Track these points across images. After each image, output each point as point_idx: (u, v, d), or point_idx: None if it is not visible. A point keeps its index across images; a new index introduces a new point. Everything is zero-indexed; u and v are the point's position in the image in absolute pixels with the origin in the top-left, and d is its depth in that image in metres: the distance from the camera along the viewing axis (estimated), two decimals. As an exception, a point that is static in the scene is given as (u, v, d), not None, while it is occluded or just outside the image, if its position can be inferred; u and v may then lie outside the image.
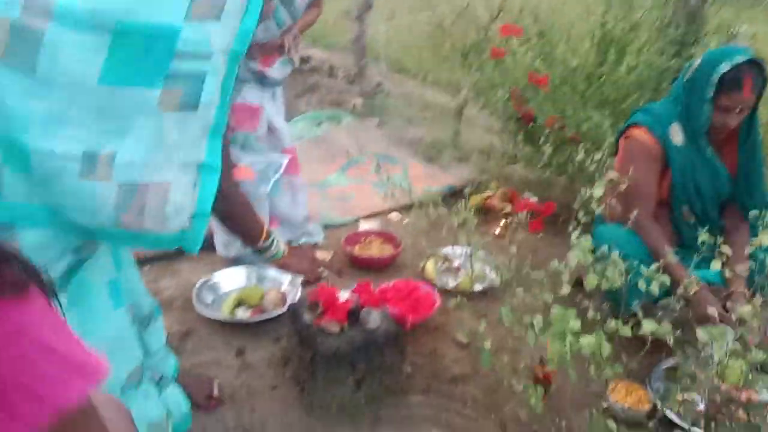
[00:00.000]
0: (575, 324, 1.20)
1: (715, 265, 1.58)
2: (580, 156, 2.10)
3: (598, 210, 1.58)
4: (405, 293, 2.20)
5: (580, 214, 1.56)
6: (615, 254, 1.51)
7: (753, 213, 1.76)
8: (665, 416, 1.70)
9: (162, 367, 1.70)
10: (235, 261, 2.48)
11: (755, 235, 1.67)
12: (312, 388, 1.79)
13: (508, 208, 3.11)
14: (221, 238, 2.51)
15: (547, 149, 2.30)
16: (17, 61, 1.11)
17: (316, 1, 2.45)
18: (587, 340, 1.18)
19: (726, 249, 1.56)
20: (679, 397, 1.20)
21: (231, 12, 1.18)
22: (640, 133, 2.06)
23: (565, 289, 1.30)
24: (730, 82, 1.89)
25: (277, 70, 2.38)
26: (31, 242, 1.19)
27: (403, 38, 4.95)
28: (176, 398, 1.69)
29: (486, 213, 3.11)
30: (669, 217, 2.07)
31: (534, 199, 3.11)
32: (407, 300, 2.16)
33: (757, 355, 1.12)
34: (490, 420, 1.82)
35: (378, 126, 4.26)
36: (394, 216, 3.10)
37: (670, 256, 1.76)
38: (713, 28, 2.65)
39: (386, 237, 2.72)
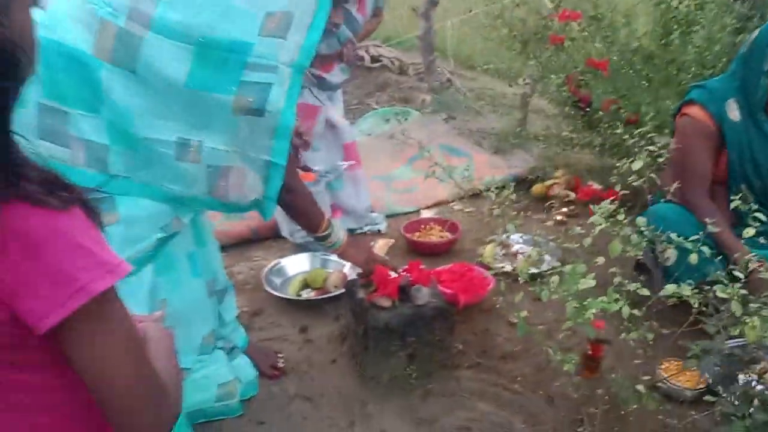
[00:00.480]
0: (588, 282, 1.24)
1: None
2: (632, 137, 2.08)
3: (637, 183, 1.58)
4: (459, 275, 2.27)
5: (617, 188, 1.57)
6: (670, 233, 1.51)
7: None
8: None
9: (234, 337, 1.89)
10: (301, 247, 2.64)
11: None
12: (366, 361, 1.91)
13: (572, 195, 3.10)
14: (287, 226, 2.69)
15: (603, 133, 2.29)
16: (121, 62, 1.35)
17: (377, 11, 2.58)
18: (599, 301, 1.22)
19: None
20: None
21: (296, 30, 1.36)
22: (695, 111, 2.03)
23: (587, 242, 1.32)
24: None
25: (335, 75, 2.51)
26: (127, 215, 1.41)
27: (467, 32, 4.99)
28: (245, 367, 1.86)
29: (549, 200, 3.12)
30: (727, 196, 2.02)
31: (597, 186, 3.09)
32: (461, 281, 2.23)
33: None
34: (538, 395, 1.86)
35: (445, 120, 4.34)
36: (456, 205, 3.17)
37: (726, 233, 1.74)
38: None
39: (446, 224, 2.81)
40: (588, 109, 2.67)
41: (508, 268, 2.50)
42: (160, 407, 0.70)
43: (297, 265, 2.51)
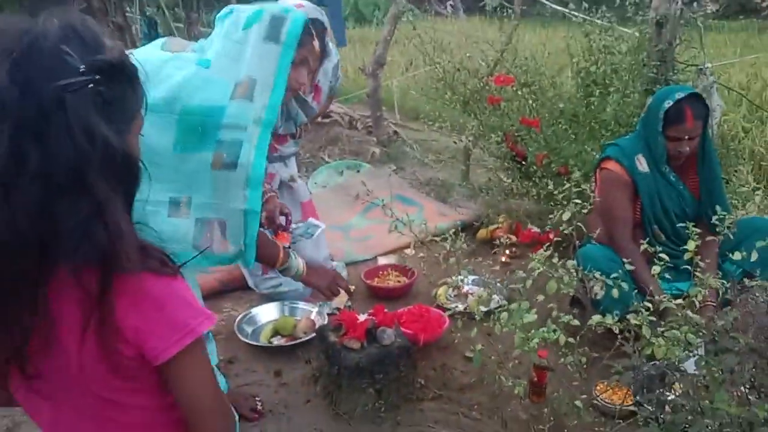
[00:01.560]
0: (530, 317, 1.50)
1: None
2: (561, 191, 2.41)
3: (567, 230, 1.88)
4: (417, 316, 2.50)
5: (551, 235, 1.86)
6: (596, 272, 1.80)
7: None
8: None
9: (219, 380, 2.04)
10: (268, 297, 2.82)
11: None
12: (339, 399, 2.11)
13: (513, 239, 3.41)
14: (252, 279, 2.86)
15: (538, 183, 2.61)
16: None
17: (331, 96, 2.86)
18: (540, 331, 1.48)
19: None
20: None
21: (261, 92, 1.62)
22: (611, 165, 2.38)
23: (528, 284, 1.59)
24: (673, 116, 2.20)
25: (289, 147, 2.74)
26: None
27: (413, 90, 5.37)
28: None
29: (493, 244, 3.41)
30: (642, 236, 2.36)
31: (536, 230, 3.42)
32: (419, 322, 2.46)
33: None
34: (493, 420, 2.10)
35: (395, 171, 4.64)
36: (409, 251, 3.43)
37: (642, 270, 2.05)
38: (681, 67, 2.97)
39: (401, 270, 3.05)
40: (524, 163, 3.01)
41: (460, 307, 2.76)
42: (227, 422, 0.91)
43: (267, 313, 2.68)
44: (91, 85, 0.75)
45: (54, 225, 0.74)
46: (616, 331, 1.48)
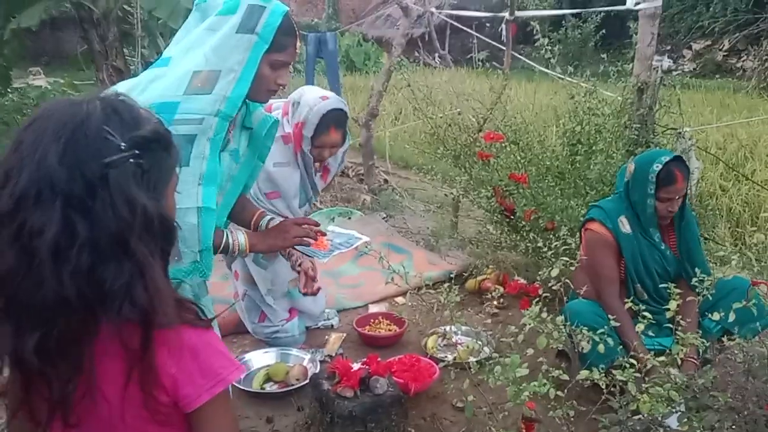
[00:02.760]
0: (522, 371, 1.57)
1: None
2: (549, 247, 2.52)
3: (555, 286, 1.97)
4: (408, 365, 2.56)
5: (541, 291, 1.95)
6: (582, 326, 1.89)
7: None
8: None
9: None
10: (263, 342, 2.86)
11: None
12: (331, 447, 2.14)
13: (501, 290, 3.50)
14: (249, 324, 2.91)
15: (525, 237, 2.72)
16: None
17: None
18: (532, 385, 1.56)
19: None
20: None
21: (222, 84, 1.55)
22: (596, 226, 2.49)
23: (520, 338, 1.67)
24: (666, 178, 2.34)
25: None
26: None
27: (404, 142, 5.53)
28: None
29: (482, 294, 3.50)
30: (626, 294, 2.46)
31: (523, 281, 3.51)
32: (410, 371, 2.51)
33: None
34: (482, 471, 2.14)
35: (384, 219, 4.74)
36: (400, 299, 3.49)
37: (626, 326, 2.15)
38: (661, 131, 3.15)
39: (392, 318, 3.11)
40: (512, 217, 3.12)
41: (449, 358, 2.82)
42: None
43: (260, 359, 2.72)
44: (132, 159, 0.85)
45: (99, 288, 0.82)
46: (603, 386, 1.55)
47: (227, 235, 1.80)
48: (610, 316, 2.02)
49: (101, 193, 0.82)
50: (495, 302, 3.41)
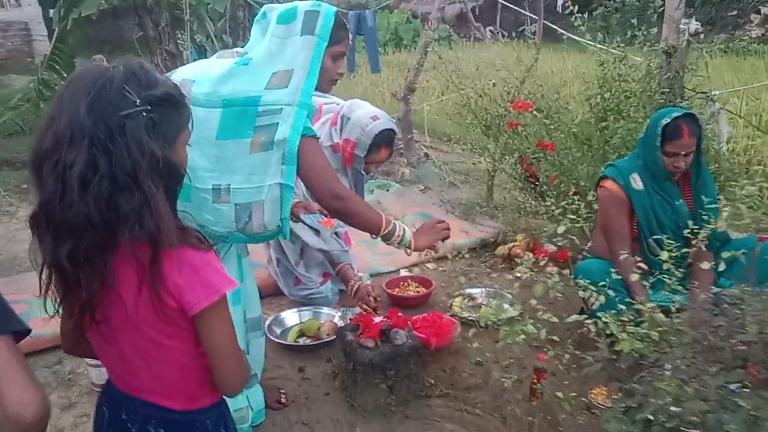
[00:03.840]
0: (512, 312, 1.70)
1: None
2: (574, 206, 2.60)
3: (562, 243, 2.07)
4: (431, 322, 2.71)
5: (548, 246, 2.06)
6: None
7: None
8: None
9: (257, 366, 2.26)
10: (298, 303, 3.08)
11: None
12: (354, 393, 2.33)
13: (531, 256, 3.58)
14: (285, 286, 3.13)
15: (550, 202, 2.80)
16: None
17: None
18: (521, 325, 1.68)
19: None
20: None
21: (296, 79, 1.82)
22: (609, 184, 2.55)
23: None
24: (671, 132, 2.37)
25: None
26: None
27: (441, 113, 5.61)
28: (258, 396, 2.24)
29: (512, 260, 3.60)
30: (640, 250, 2.52)
31: (553, 248, 3.58)
32: (432, 327, 2.66)
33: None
34: (495, 417, 2.28)
35: (422, 191, 4.87)
36: (431, 265, 3.64)
37: (636, 286, 2.22)
38: (690, 95, 3.13)
39: (421, 281, 3.26)
40: (537, 183, 3.20)
41: (473, 316, 2.95)
42: (242, 370, 1.19)
43: (294, 317, 2.93)
44: (144, 113, 1.05)
45: (116, 211, 1.03)
46: (593, 330, 1.66)
47: (394, 224, 2.00)
48: (618, 270, 2.09)
49: (119, 138, 1.02)
50: (524, 267, 3.51)
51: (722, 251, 2.08)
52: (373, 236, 2.00)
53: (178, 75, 1.90)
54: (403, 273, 3.50)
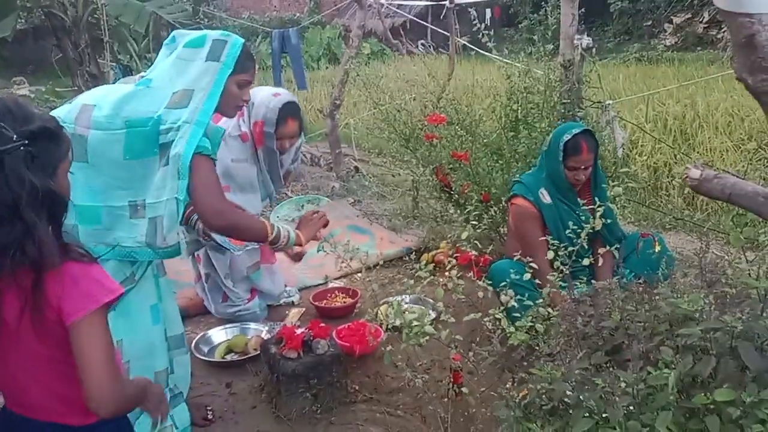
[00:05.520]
0: (411, 316, 1.83)
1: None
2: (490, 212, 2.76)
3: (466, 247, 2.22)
4: (355, 331, 2.81)
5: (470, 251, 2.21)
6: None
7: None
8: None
9: (182, 385, 2.29)
10: (227, 320, 3.12)
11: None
12: (280, 403, 2.40)
13: (453, 262, 3.75)
14: (213, 305, 3.16)
15: (460, 210, 2.96)
16: (79, 158, 1.81)
17: (288, 174, 3.27)
18: (418, 325, 1.81)
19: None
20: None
21: (195, 99, 1.91)
22: (519, 201, 2.74)
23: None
24: (572, 148, 2.58)
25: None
26: None
27: (366, 128, 5.76)
28: (183, 414, 2.26)
29: (436, 267, 3.75)
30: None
31: (473, 253, 3.76)
32: (356, 335, 2.77)
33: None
34: (416, 417, 2.40)
35: (353, 204, 4.99)
36: (360, 276, 3.75)
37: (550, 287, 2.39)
38: (588, 104, 3.38)
39: (348, 292, 3.37)
40: (451, 192, 3.36)
41: (397, 323, 3.07)
42: (115, 390, 1.19)
43: (221, 334, 2.98)
44: (21, 147, 1.11)
45: None
46: (488, 327, 1.81)
47: (278, 228, 2.09)
48: (537, 275, 2.24)
49: None
50: (447, 273, 3.66)
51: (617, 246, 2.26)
52: (260, 244, 2.08)
53: (78, 101, 1.97)
54: (332, 284, 3.59)
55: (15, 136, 1.10)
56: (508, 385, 2.38)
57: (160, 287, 2.16)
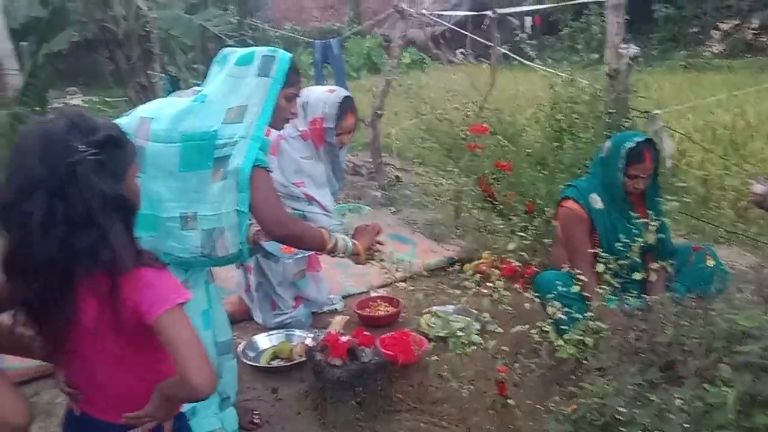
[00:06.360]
0: (458, 324, 1.84)
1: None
2: (535, 223, 2.75)
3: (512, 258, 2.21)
4: (398, 340, 2.83)
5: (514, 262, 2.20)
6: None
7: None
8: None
9: (230, 390, 2.35)
10: (271, 328, 3.17)
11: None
12: (325, 410, 2.43)
13: (497, 272, 3.73)
14: (261, 314, 3.22)
15: (504, 221, 2.95)
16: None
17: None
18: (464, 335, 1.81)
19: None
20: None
21: (250, 115, 1.98)
22: (570, 204, 2.71)
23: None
24: (635, 156, 2.55)
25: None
26: None
27: (407, 137, 5.79)
28: (231, 418, 2.32)
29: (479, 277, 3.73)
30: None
31: (517, 264, 3.73)
32: (399, 345, 2.78)
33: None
34: (460, 428, 2.39)
35: (394, 213, 5.02)
36: (402, 285, 3.76)
37: (597, 300, 2.36)
38: (635, 114, 3.33)
39: (390, 301, 3.38)
40: (495, 202, 3.35)
41: (441, 333, 3.07)
42: (210, 370, 1.24)
43: (267, 340, 3.03)
44: (90, 158, 1.18)
45: (74, 250, 1.16)
46: (532, 334, 1.80)
47: (335, 237, 2.16)
48: (584, 285, 2.21)
49: (70, 184, 1.15)
50: (493, 284, 3.65)
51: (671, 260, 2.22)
52: (319, 253, 2.18)
53: (136, 114, 2.06)
54: (374, 293, 3.62)
55: (83, 147, 1.17)
56: (556, 399, 2.39)
57: (210, 293, 2.23)
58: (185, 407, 1.49)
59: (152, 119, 2.00)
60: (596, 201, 2.69)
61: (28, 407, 1.14)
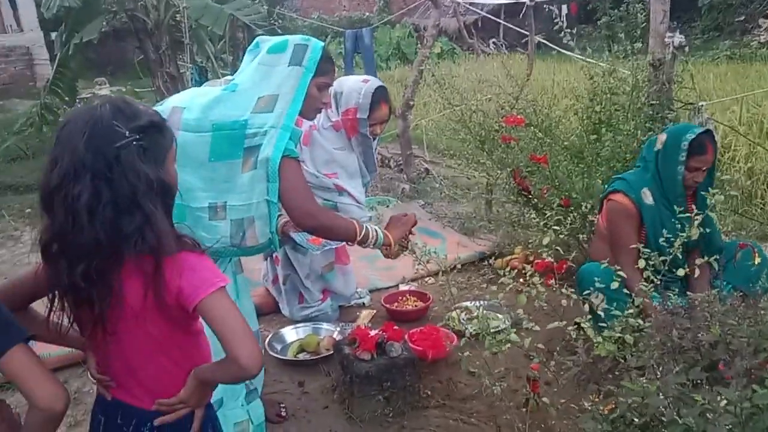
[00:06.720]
0: (496, 323, 1.76)
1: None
2: (571, 217, 2.65)
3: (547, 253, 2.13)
4: (428, 335, 2.76)
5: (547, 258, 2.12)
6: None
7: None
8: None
9: (257, 381, 2.31)
10: (299, 321, 3.14)
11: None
12: (352, 404, 2.39)
13: (529, 268, 3.63)
14: (287, 307, 3.19)
15: (538, 215, 2.86)
16: None
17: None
18: (504, 335, 1.74)
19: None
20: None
21: (281, 104, 1.94)
22: (619, 197, 2.60)
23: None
24: (697, 147, 2.43)
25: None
26: None
27: (438, 129, 5.69)
28: (258, 410, 2.29)
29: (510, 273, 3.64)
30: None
31: (550, 259, 3.63)
32: (429, 340, 2.72)
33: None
34: (489, 426, 2.33)
35: (423, 206, 4.94)
36: (431, 280, 3.69)
37: (642, 297, 2.26)
38: (678, 106, 3.19)
39: (419, 295, 3.32)
40: (530, 196, 3.26)
41: (470, 329, 3.00)
42: (257, 347, 1.24)
43: (294, 333, 3.00)
44: (134, 142, 1.19)
45: (121, 232, 1.17)
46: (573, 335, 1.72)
47: (367, 228, 2.12)
48: (627, 282, 2.11)
49: (116, 168, 1.17)
50: (529, 279, 3.56)
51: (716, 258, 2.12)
52: (349, 244, 2.14)
53: (168, 103, 2.02)
54: (402, 287, 3.56)
55: (127, 132, 1.18)
56: (593, 398, 2.31)
57: (238, 284, 2.19)
58: (212, 398, 1.46)
59: (184, 109, 1.96)
60: (648, 196, 2.57)
61: (65, 393, 1.16)
